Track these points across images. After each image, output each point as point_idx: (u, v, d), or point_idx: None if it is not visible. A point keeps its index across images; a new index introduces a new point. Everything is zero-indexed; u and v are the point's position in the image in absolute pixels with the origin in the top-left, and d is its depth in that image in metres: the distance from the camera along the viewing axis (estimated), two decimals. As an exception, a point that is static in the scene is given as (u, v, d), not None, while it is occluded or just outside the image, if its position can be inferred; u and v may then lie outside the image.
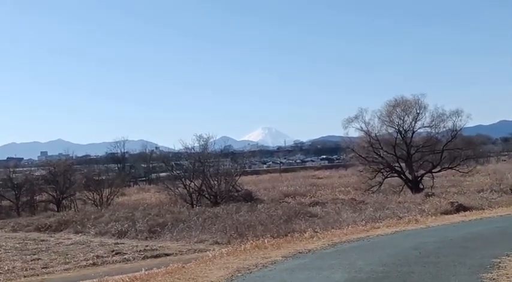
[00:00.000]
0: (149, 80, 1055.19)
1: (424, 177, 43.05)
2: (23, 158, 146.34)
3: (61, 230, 32.63)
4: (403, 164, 43.50)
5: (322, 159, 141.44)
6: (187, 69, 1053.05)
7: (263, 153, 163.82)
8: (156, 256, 21.53)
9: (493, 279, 9.13)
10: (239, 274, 10.86)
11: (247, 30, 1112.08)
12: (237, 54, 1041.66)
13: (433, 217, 22.17)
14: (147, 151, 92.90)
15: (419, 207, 28.04)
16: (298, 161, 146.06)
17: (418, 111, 42.57)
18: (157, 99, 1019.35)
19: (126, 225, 29.83)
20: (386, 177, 42.92)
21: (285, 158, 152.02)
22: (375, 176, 42.28)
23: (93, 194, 47.42)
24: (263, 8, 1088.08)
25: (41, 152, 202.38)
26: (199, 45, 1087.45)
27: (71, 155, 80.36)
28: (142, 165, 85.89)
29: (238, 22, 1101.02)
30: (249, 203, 37.16)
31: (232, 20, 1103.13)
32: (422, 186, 41.56)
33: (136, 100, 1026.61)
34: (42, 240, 28.38)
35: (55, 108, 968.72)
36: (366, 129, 43.13)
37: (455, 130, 42.60)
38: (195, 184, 41.69)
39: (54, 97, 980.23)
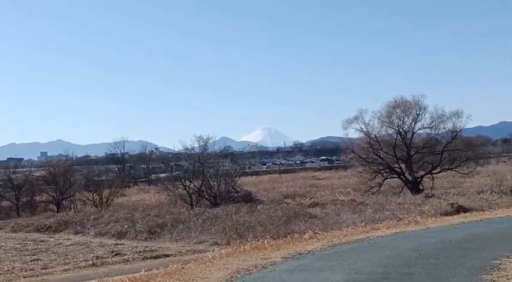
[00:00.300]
0: (149, 80, 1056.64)
1: (424, 179, 43.03)
2: (22, 159, 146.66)
3: (61, 231, 32.63)
4: (402, 165, 43.49)
5: (322, 160, 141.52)
6: (187, 70, 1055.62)
7: (263, 154, 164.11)
8: (156, 257, 21.54)
9: (493, 280, 9.13)
10: (238, 275, 10.86)
11: (247, 30, 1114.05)
12: (237, 54, 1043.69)
13: (433, 218, 22.17)
14: (147, 152, 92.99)
15: (419, 209, 28.04)
16: (297, 161, 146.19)
17: (417, 112, 42.60)
18: (157, 99, 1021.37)
19: (126, 226, 29.83)
20: (386, 178, 42.90)
21: (284, 159, 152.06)
22: (375, 177, 42.27)
23: (92, 194, 47.40)
24: (263, 8, 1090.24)
25: (41, 153, 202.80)
26: (199, 45, 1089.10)
27: (70, 156, 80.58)
28: (142, 166, 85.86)
29: (238, 22, 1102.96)
30: (249, 204, 37.14)
31: (232, 20, 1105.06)
32: (422, 188, 41.54)
33: (136, 100, 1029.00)
34: (42, 241, 28.39)
35: (55, 108, 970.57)
36: (365, 130, 43.16)
37: (455, 131, 42.59)
38: (194, 185, 41.67)
39: (54, 98, 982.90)
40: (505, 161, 79.62)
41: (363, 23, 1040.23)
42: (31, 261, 21.67)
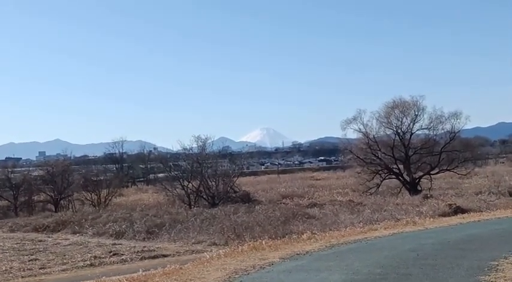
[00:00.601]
0: (148, 80, 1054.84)
1: (422, 179, 43.08)
2: (21, 158, 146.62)
3: (59, 231, 32.58)
4: (401, 166, 43.53)
5: (320, 160, 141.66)
6: (186, 70, 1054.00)
7: (261, 154, 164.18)
8: (154, 257, 21.53)
9: (491, 281, 9.14)
10: (236, 275, 10.86)
11: (247, 30, 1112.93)
12: (236, 54, 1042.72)
13: (431, 219, 22.16)
14: (145, 152, 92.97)
15: (417, 209, 28.07)
16: (296, 162, 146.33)
17: (416, 113, 42.67)
18: (156, 99, 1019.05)
19: (124, 226, 29.81)
20: (384, 179, 42.94)
21: (283, 159, 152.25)
22: (373, 177, 42.31)
23: (91, 194, 47.35)
24: (263, 8, 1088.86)
25: (39, 152, 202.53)
26: (199, 46, 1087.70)
27: (69, 155, 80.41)
28: (141, 165, 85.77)
29: (238, 22, 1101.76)
30: (247, 204, 37.13)
31: (232, 20, 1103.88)
32: (420, 188, 41.59)
33: (135, 101, 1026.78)
34: (40, 241, 28.33)
35: (53, 108, 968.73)
36: (364, 130, 43.25)
37: (454, 132, 42.65)
38: (193, 185, 41.65)
39: (53, 97, 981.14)
40: (503, 162, 79.83)
41: (363, 23, 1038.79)
42: (29, 261, 21.64)
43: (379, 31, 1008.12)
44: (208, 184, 41.62)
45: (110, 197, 47.35)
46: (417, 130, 43.59)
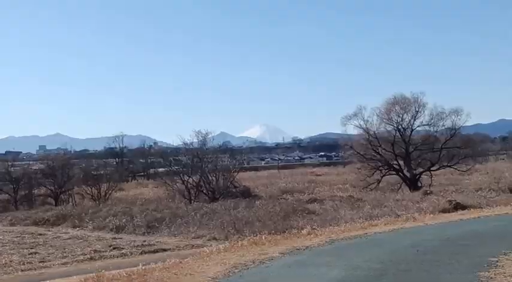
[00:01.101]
0: (149, 77, 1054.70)
1: (422, 176, 43.05)
2: (21, 152, 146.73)
3: (59, 224, 32.64)
4: (401, 162, 43.50)
5: (321, 156, 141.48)
6: (187, 67, 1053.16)
7: (261, 150, 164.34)
8: (154, 251, 21.54)
9: (490, 277, 9.15)
10: (236, 270, 10.86)
11: (247, 29, 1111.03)
12: (237, 52, 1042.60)
13: (431, 215, 22.14)
14: (146, 146, 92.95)
15: (417, 205, 28.01)
16: (296, 157, 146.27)
17: (417, 109, 42.64)
18: (157, 95, 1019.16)
19: (124, 220, 29.83)
20: (385, 175, 42.93)
21: (283, 155, 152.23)
22: (373, 173, 42.30)
23: (91, 188, 47.38)
24: (263, 8, 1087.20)
25: (40, 146, 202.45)
26: (199, 44, 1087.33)
27: (69, 149, 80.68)
28: (141, 160, 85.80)
29: (238, 22, 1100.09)
30: (247, 199, 37.10)
31: (232, 19, 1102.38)
32: (420, 184, 41.58)
33: (135, 96, 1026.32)
34: (40, 235, 28.38)
35: (54, 102, 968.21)
36: (364, 126, 43.22)
37: (454, 129, 42.63)
38: (193, 180, 41.65)
39: (53, 91, 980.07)
40: (503, 159, 79.63)
41: (363, 23, 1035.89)
42: (29, 254, 21.67)
43: (380, 30, 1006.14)
44: (209, 179, 41.62)
45: (110, 191, 47.39)
46: (418, 126, 43.64)
